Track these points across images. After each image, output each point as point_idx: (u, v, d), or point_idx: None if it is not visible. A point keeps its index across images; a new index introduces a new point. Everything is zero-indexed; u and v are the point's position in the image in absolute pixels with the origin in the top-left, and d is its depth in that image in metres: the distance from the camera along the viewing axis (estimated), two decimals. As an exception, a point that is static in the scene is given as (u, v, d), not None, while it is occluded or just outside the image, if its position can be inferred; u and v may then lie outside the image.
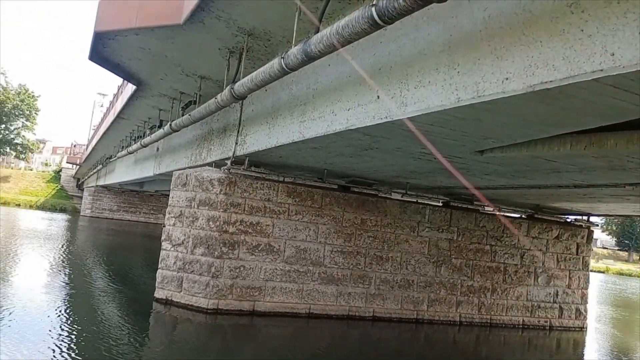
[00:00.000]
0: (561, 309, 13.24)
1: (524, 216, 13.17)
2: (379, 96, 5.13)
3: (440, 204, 12.08)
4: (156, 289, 10.13)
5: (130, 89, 13.28)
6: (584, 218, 13.66)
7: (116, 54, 9.48)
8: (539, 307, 12.95)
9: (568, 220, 13.70)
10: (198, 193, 9.99)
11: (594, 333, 14.25)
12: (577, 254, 13.54)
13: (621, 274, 55.51)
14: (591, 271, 14.51)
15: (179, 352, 7.85)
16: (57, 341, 7.16)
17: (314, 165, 9.53)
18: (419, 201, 11.78)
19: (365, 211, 11.05)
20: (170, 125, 11.04)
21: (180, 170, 10.99)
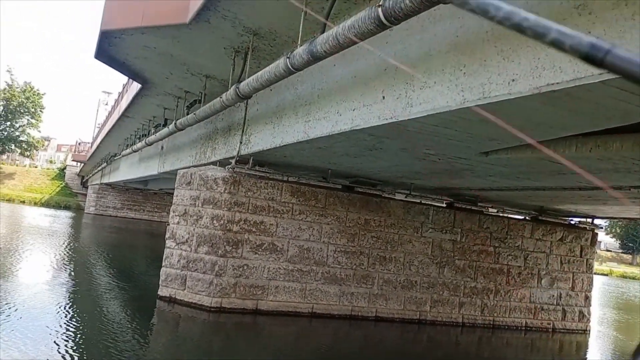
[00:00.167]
0: (564, 311, 13.21)
1: (528, 218, 13.15)
2: (384, 97, 5.14)
3: (444, 205, 12.06)
4: (160, 287, 10.16)
5: (135, 87, 13.33)
6: (588, 220, 13.62)
7: (122, 53, 9.53)
8: (542, 309, 12.92)
9: (572, 223, 13.66)
10: (202, 192, 10.02)
11: (596, 336, 14.21)
12: (581, 257, 13.50)
13: (625, 276, 55.25)
14: (595, 274, 14.45)
15: (183, 349, 7.88)
16: (61, 337, 7.20)
17: (318, 165, 9.54)
18: (422, 202, 11.77)
19: (369, 211, 11.05)
20: (175, 124, 11.08)
21: (184, 168, 11.03)
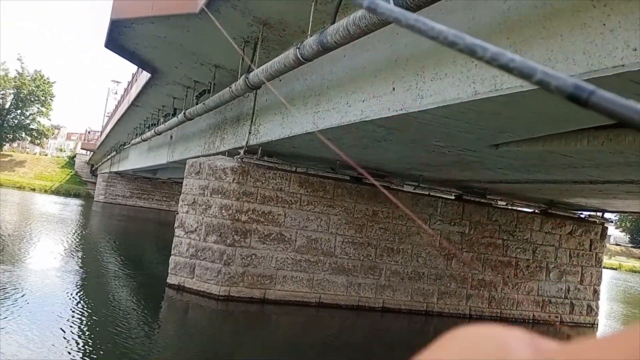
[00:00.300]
0: (572, 304, 13.17)
1: (537, 211, 13.08)
2: (394, 88, 5.11)
3: (453, 197, 12.02)
4: (169, 275, 10.26)
5: (145, 76, 13.36)
6: (598, 214, 13.52)
7: (132, 42, 9.55)
8: (549, 303, 12.89)
9: (582, 216, 13.57)
10: (211, 181, 10.06)
11: (604, 330, 14.16)
12: (590, 250, 13.42)
13: (634, 271, 54.77)
14: (604, 268, 14.37)
15: (191, 336, 7.98)
16: (70, 323, 7.32)
17: (327, 156, 9.54)
18: (431, 194, 11.74)
19: (377, 203, 11.04)
20: (185, 113, 11.10)
21: (193, 158, 11.07)
